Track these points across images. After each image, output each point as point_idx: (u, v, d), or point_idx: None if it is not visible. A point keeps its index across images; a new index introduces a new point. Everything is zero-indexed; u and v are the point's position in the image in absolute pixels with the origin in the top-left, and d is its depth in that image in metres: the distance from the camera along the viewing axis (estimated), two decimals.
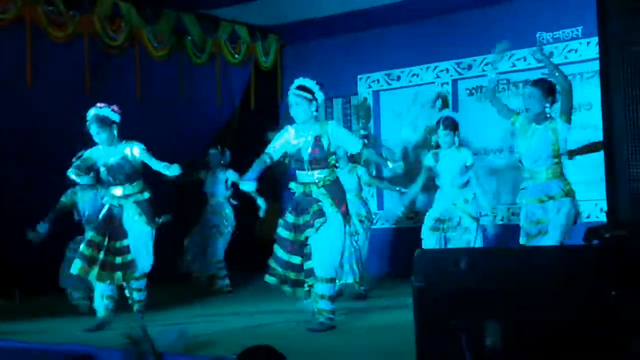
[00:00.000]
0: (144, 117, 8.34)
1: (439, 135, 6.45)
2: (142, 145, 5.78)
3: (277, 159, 5.38)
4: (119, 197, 5.78)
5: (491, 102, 5.59)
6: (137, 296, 5.84)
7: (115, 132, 5.75)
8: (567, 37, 7.82)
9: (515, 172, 7.71)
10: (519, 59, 8.09)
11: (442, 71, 8.61)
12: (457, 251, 3.85)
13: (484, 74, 8.30)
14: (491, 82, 5.59)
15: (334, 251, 5.12)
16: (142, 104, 8.18)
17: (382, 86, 9.09)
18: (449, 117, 6.53)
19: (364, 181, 7.17)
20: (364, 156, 6.90)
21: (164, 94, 8.56)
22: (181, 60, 8.63)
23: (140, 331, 4.15)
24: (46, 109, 7.56)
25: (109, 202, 5.82)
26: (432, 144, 8.19)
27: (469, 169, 6.39)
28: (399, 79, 8.94)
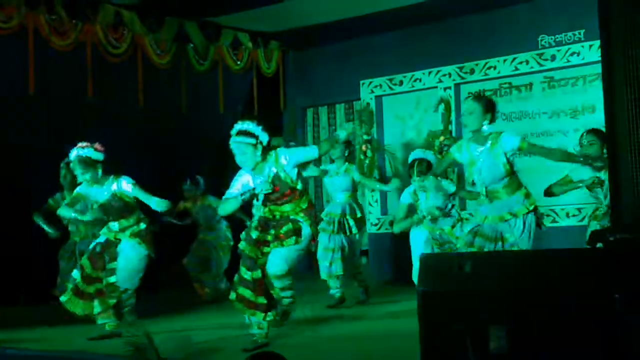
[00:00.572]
0: (147, 125, 8.37)
1: (414, 179, 6.08)
2: (130, 179, 5.76)
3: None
4: (115, 231, 5.80)
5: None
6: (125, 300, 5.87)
7: (99, 171, 5.74)
8: (570, 41, 7.82)
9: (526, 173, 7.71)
10: (521, 63, 8.08)
11: (445, 76, 8.61)
12: (462, 255, 3.84)
13: (486, 78, 8.32)
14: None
15: (294, 258, 5.01)
16: (145, 111, 8.20)
17: (384, 91, 9.09)
18: (423, 159, 6.15)
19: (357, 180, 7.13)
20: (358, 180, 6.99)
21: (167, 101, 8.58)
22: (183, 67, 8.65)
23: (144, 339, 4.15)
24: (48, 116, 7.59)
25: (105, 235, 5.81)
26: (435, 149, 8.18)
27: (451, 197, 6.21)
28: (402, 83, 8.94)
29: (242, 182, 5.04)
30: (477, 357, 2.71)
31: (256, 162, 4.99)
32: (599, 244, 2.70)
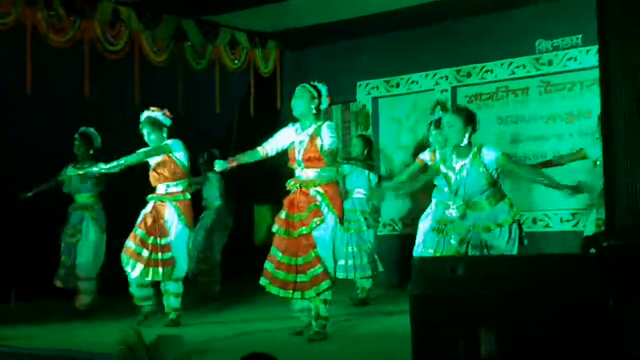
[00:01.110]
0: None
1: (431, 134, 6.41)
2: (179, 142, 6.17)
3: (272, 155, 5.40)
4: (161, 194, 6.04)
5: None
6: (174, 302, 6.03)
7: (164, 135, 6.15)
8: (567, 46, 7.82)
9: (514, 179, 7.72)
10: (518, 67, 8.09)
11: (442, 78, 8.61)
12: (454, 259, 3.84)
13: (483, 81, 8.33)
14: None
15: (327, 253, 5.09)
16: (142, 109, 8.18)
17: (381, 93, 9.08)
18: (440, 117, 6.43)
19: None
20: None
21: (164, 100, 8.55)
22: (181, 66, 8.63)
23: (135, 337, 4.14)
24: (46, 113, 7.57)
25: (151, 199, 6.07)
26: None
27: None
28: (398, 85, 8.94)
29: (284, 136, 5.35)
30: None
31: (306, 112, 5.26)
32: (593, 250, 2.70)
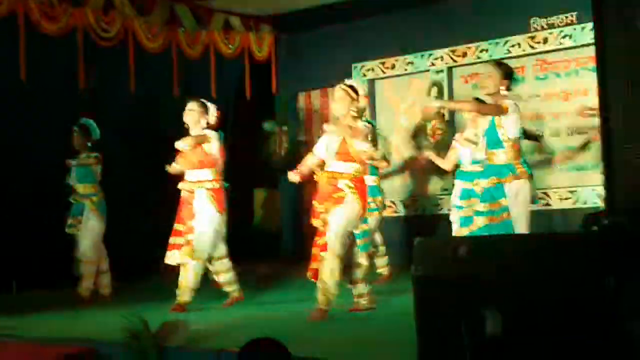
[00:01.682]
0: (139, 110, 8.35)
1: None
2: (215, 133, 6.17)
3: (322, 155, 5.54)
4: (191, 182, 6.11)
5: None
6: (222, 278, 6.25)
7: (202, 122, 6.20)
8: (562, 23, 7.81)
9: None
10: (513, 46, 8.08)
11: (437, 59, 8.60)
12: (456, 239, 3.86)
13: (479, 60, 8.31)
14: None
15: (340, 228, 5.25)
16: (136, 96, 8.17)
17: (377, 74, 9.07)
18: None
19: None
20: None
21: (159, 86, 8.54)
22: (175, 51, 8.60)
23: (141, 325, 4.16)
24: (40, 101, 7.55)
25: (182, 188, 6.17)
26: (427, 132, 8.18)
27: None
28: (394, 67, 8.93)
29: (324, 143, 5.47)
30: (472, 341, 2.73)
31: (344, 115, 5.34)
32: (594, 228, 2.72)
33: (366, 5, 8.53)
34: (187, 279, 6.02)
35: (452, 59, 8.49)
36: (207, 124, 6.22)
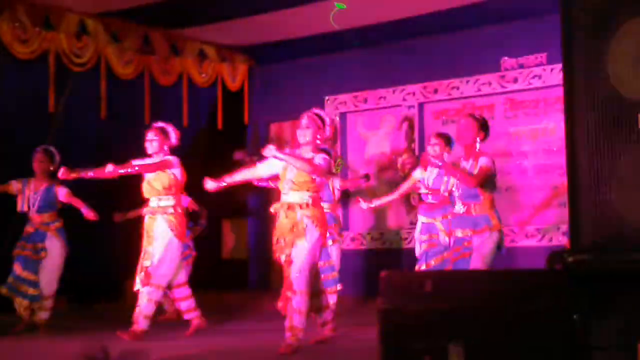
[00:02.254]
0: (110, 135, 8.28)
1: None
2: (176, 159, 6.13)
3: (265, 177, 5.58)
4: (152, 208, 6.05)
5: None
6: (182, 306, 6.25)
7: (165, 147, 6.15)
8: (532, 64, 7.95)
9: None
10: (484, 84, 8.20)
11: (409, 94, 8.69)
12: (423, 274, 3.86)
13: (450, 97, 8.42)
14: None
15: (304, 263, 5.14)
16: (108, 122, 8.12)
17: (349, 108, 9.13)
18: (442, 134, 6.70)
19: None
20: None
21: (130, 113, 8.50)
22: (147, 79, 8.58)
23: (101, 352, 4.08)
24: (8, 125, 7.47)
25: (146, 213, 6.11)
26: (397, 166, 8.23)
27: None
28: (366, 101, 9.00)
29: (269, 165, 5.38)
30: None
31: (310, 142, 5.30)
32: (558, 265, 2.74)
33: (340, 39, 8.60)
34: (142, 306, 5.91)
35: (423, 95, 8.59)
36: (169, 147, 6.18)
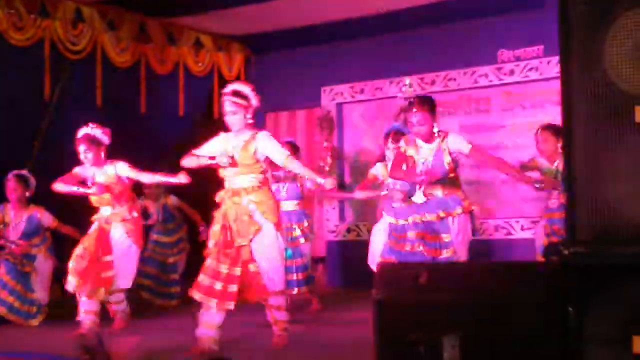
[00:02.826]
0: (105, 125, 8.24)
1: (388, 147, 6.21)
2: (126, 164, 5.95)
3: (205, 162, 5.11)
4: (107, 216, 5.89)
5: None
6: (117, 307, 6.06)
7: (102, 154, 5.92)
8: (528, 56, 7.95)
9: (481, 186, 7.80)
10: (480, 76, 8.19)
11: (406, 85, 8.66)
12: (418, 265, 3.86)
13: (446, 89, 8.42)
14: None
15: (276, 263, 4.96)
16: (103, 111, 8.09)
17: (345, 99, 9.13)
18: (399, 130, 6.28)
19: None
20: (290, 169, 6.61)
21: (126, 102, 8.47)
22: (143, 67, 8.55)
23: (95, 341, 4.09)
24: (3, 113, 7.44)
25: (97, 220, 5.92)
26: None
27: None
28: (363, 92, 8.99)
29: (217, 143, 5.09)
30: None
31: (243, 125, 5.01)
32: (554, 257, 2.74)
33: (337, 29, 8.59)
34: (120, 306, 6.03)
35: (420, 86, 8.57)
36: (104, 152, 5.97)
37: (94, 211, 6.04)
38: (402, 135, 6.11)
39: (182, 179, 5.52)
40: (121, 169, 5.92)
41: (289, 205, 6.81)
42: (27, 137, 7.54)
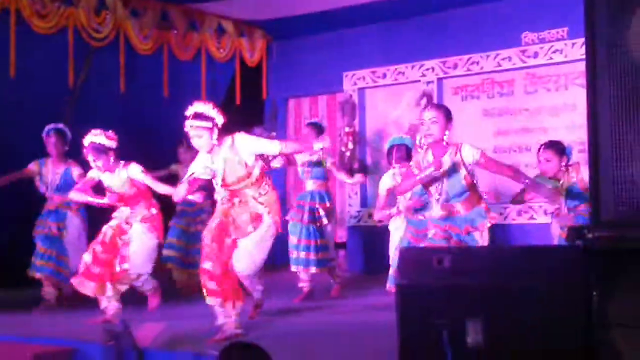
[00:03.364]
0: (128, 111, 8.31)
1: (394, 165, 6.11)
2: (139, 167, 5.95)
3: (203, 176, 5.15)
4: (126, 216, 5.96)
5: None
6: (144, 287, 6.16)
7: (111, 159, 5.92)
8: (553, 38, 7.85)
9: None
10: (504, 59, 8.11)
11: (428, 69, 8.63)
12: (441, 249, 3.86)
13: (469, 73, 8.35)
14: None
15: (254, 247, 5.05)
16: (126, 97, 8.14)
17: (367, 83, 9.08)
18: (401, 145, 6.21)
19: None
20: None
21: (149, 88, 8.51)
22: (166, 54, 8.58)
23: (121, 326, 4.13)
24: (29, 101, 7.50)
25: (117, 220, 5.98)
26: (417, 142, 8.17)
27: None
28: (385, 76, 8.94)
29: (203, 163, 5.06)
30: (454, 351, 2.72)
31: (212, 145, 4.96)
32: (578, 241, 2.72)
33: (359, 14, 8.54)
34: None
35: (442, 70, 8.52)
36: (113, 154, 5.97)
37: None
38: (405, 148, 6.11)
39: (196, 197, 5.52)
40: (133, 172, 5.93)
41: (312, 184, 6.93)
42: (51, 124, 7.59)
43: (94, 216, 7.02)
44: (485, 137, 8.08)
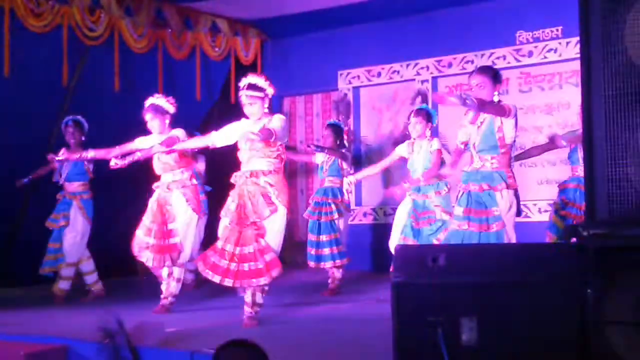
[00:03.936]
0: (123, 110, 8.28)
1: (410, 122, 6.39)
2: (182, 131, 6.05)
3: (220, 146, 5.44)
4: (168, 182, 6.02)
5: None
6: (174, 287, 6.03)
7: (167, 122, 6.09)
8: (547, 37, 7.87)
9: None
10: (498, 58, 8.13)
11: (422, 68, 8.64)
12: (436, 247, 3.87)
13: (463, 71, 8.35)
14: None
15: (274, 244, 5.18)
16: (121, 96, 8.12)
17: (362, 82, 9.10)
18: (422, 108, 6.49)
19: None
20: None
21: (143, 87, 8.49)
22: (161, 52, 8.57)
23: (115, 324, 4.13)
24: (23, 100, 7.48)
25: (159, 187, 6.07)
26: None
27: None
28: (379, 75, 8.95)
29: (235, 128, 5.31)
30: (449, 348, 2.73)
31: (263, 113, 5.26)
32: (573, 239, 2.73)
33: (353, 13, 8.54)
34: (171, 287, 5.98)
35: (437, 69, 8.53)
36: (169, 119, 6.13)
37: (153, 179, 6.15)
38: (426, 112, 6.38)
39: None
40: (177, 134, 6.00)
41: (327, 181, 7.17)
42: (45, 124, 7.59)
43: (98, 216, 7.07)
44: None
